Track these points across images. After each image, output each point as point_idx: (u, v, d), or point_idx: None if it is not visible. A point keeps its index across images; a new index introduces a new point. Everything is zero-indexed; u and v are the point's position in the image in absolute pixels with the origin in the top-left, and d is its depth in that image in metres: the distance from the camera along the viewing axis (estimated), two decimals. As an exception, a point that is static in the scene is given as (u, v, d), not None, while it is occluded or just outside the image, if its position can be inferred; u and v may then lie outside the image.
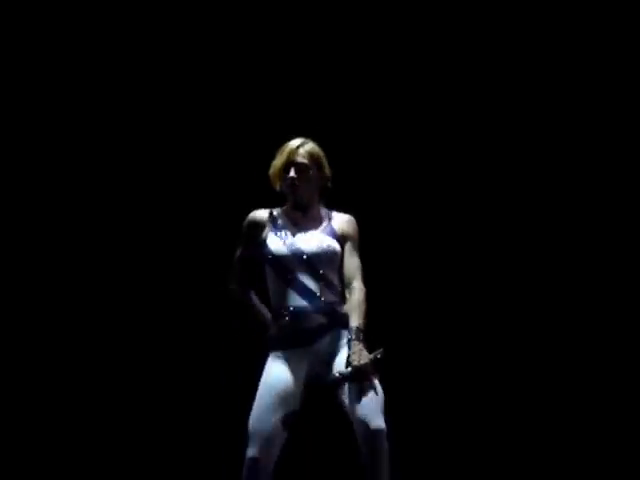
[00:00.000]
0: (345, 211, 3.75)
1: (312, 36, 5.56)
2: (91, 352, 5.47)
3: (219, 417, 5.21)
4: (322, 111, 5.39)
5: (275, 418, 3.45)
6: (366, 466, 3.35)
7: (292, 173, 3.61)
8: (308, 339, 3.55)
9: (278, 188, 3.69)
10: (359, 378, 3.38)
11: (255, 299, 3.75)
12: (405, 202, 5.58)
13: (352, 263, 3.62)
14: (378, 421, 3.36)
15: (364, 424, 3.36)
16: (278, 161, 3.65)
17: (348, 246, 3.64)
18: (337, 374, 3.42)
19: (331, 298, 3.58)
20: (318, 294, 3.55)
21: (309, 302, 3.55)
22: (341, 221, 3.69)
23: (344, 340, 3.52)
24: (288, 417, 3.47)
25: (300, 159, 3.61)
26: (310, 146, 3.65)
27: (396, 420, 3.52)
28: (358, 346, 3.43)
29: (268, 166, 3.69)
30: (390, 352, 3.47)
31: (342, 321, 3.55)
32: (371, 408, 3.38)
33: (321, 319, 3.55)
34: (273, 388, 3.49)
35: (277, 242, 3.60)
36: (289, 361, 3.54)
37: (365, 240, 3.73)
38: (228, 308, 3.86)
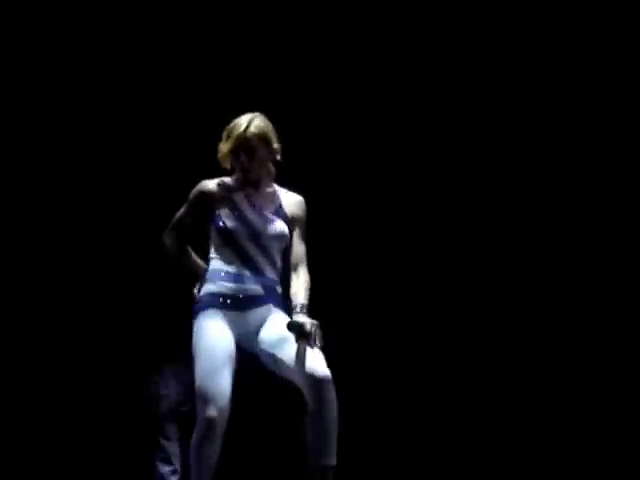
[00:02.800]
0: (294, 189, 3.78)
1: (261, 9, 5.62)
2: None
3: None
4: (273, 84, 5.45)
5: (227, 376, 3.48)
6: (314, 415, 3.43)
7: (242, 158, 3.63)
8: (243, 305, 3.61)
9: (228, 167, 3.70)
10: (307, 334, 3.46)
11: (191, 252, 3.79)
12: (355, 179, 5.68)
13: (299, 248, 3.74)
14: (324, 369, 3.46)
15: (310, 373, 3.44)
16: (227, 145, 3.65)
17: (297, 231, 3.74)
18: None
19: (273, 276, 3.68)
20: (262, 269, 3.64)
21: (253, 273, 3.62)
22: (291, 203, 3.75)
23: (275, 315, 3.61)
24: (234, 377, 3.49)
25: (249, 143, 3.62)
26: (256, 125, 3.64)
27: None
28: (304, 317, 3.54)
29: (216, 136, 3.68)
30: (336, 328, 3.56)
31: (278, 300, 3.67)
32: (316, 360, 3.48)
33: (260, 291, 3.64)
34: (218, 346, 3.52)
35: (232, 218, 3.63)
36: (223, 321, 3.58)
37: (313, 218, 3.79)
38: (160, 263, 3.90)
